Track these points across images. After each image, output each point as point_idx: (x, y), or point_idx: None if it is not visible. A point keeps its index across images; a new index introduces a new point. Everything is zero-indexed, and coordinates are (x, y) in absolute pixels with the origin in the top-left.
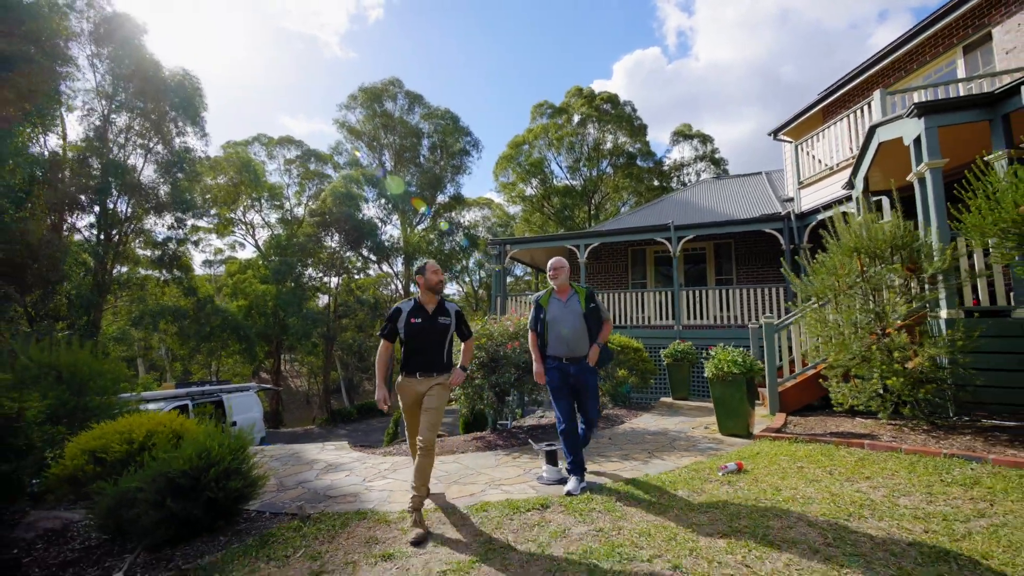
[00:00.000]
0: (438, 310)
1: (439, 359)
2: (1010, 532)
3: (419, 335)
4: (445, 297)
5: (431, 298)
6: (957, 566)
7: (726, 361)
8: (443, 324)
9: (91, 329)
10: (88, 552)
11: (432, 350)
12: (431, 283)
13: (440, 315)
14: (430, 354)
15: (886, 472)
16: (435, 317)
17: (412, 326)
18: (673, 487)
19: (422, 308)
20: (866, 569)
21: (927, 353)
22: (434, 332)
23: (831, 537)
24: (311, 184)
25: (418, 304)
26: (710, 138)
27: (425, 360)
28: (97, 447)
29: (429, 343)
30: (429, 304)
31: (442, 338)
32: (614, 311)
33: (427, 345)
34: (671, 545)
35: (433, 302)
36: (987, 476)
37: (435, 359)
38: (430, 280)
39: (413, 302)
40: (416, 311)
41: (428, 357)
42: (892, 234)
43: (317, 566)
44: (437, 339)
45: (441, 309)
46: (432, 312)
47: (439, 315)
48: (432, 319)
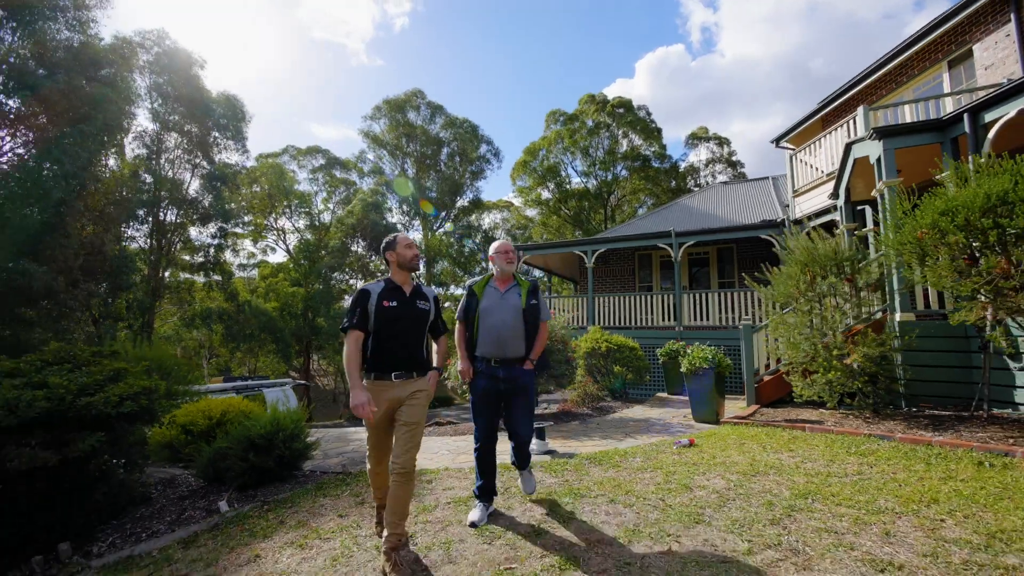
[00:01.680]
0: (416, 293)
1: (420, 355)
2: (867, 482)
3: (395, 323)
4: (320, 259)
5: (405, 278)
6: (813, 501)
7: (698, 358)
8: (423, 310)
9: (146, 329)
10: (194, 493)
11: (411, 343)
12: (404, 259)
13: (419, 299)
14: (409, 348)
15: (808, 447)
16: (413, 300)
17: (386, 311)
18: (632, 456)
19: (397, 289)
20: (746, 503)
21: (860, 351)
22: (413, 319)
23: (733, 484)
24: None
25: (391, 285)
26: (727, 140)
27: (402, 356)
28: (186, 422)
29: (408, 334)
30: (405, 285)
31: (422, 327)
32: (621, 312)
33: (404, 336)
34: (615, 490)
35: (408, 283)
36: (886, 449)
37: (415, 355)
38: (403, 256)
39: (383, 283)
40: (389, 293)
41: (407, 352)
42: (835, 251)
43: (359, 500)
44: (417, 328)
45: (419, 292)
46: (410, 294)
47: (417, 298)
48: (410, 303)
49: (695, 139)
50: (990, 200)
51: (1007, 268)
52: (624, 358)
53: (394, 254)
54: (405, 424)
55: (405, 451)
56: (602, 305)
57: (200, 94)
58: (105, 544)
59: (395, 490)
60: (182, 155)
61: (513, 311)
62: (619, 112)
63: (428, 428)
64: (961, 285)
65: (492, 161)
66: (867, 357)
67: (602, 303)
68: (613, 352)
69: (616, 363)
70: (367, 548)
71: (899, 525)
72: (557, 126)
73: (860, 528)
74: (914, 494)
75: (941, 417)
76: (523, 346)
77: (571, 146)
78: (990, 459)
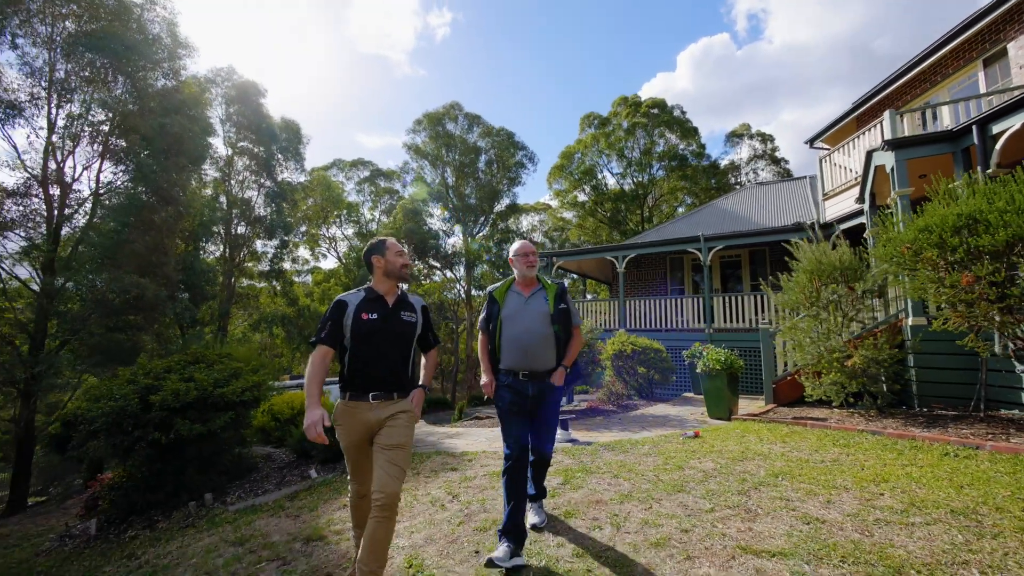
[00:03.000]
0: (400, 303)
1: (403, 374)
2: (836, 466)
3: (374, 338)
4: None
5: (390, 287)
6: (781, 479)
7: (712, 360)
8: (408, 322)
9: (222, 333)
10: (288, 464)
11: (392, 360)
12: (393, 267)
13: (403, 310)
14: (390, 366)
15: (801, 440)
16: (396, 313)
17: (364, 324)
18: (642, 445)
19: (378, 300)
20: (725, 479)
21: (861, 354)
22: (396, 334)
23: (720, 466)
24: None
25: (372, 295)
26: (770, 136)
27: (382, 375)
28: (275, 411)
29: (388, 350)
30: (388, 295)
31: (407, 343)
32: (652, 315)
33: (385, 353)
34: (620, 469)
35: (393, 292)
36: (870, 443)
37: (397, 374)
38: (392, 263)
39: (363, 293)
40: (368, 304)
41: (387, 371)
42: (840, 260)
43: (413, 471)
44: (400, 344)
45: (404, 303)
46: (393, 306)
47: (402, 310)
48: (393, 315)
49: (736, 136)
50: (960, 219)
51: (971, 282)
52: (649, 359)
53: (381, 259)
54: (385, 448)
55: (389, 479)
56: (633, 308)
57: (264, 120)
58: (234, 496)
59: (374, 529)
60: (249, 176)
61: (540, 317)
62: (653, 113)
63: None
64: (938, 296)
65: (528, 166)
66: (867, 359)
67: (634, 306)
68: (638, 354)
69: (641, 364)
70: (417, 503)
71: (843, 496)
72: (591, 129)
73: (809, 497)
74: (869, 475)
75: (941, 416)
76: (553, 356)
77: (606, 148)
78: (959, 451)
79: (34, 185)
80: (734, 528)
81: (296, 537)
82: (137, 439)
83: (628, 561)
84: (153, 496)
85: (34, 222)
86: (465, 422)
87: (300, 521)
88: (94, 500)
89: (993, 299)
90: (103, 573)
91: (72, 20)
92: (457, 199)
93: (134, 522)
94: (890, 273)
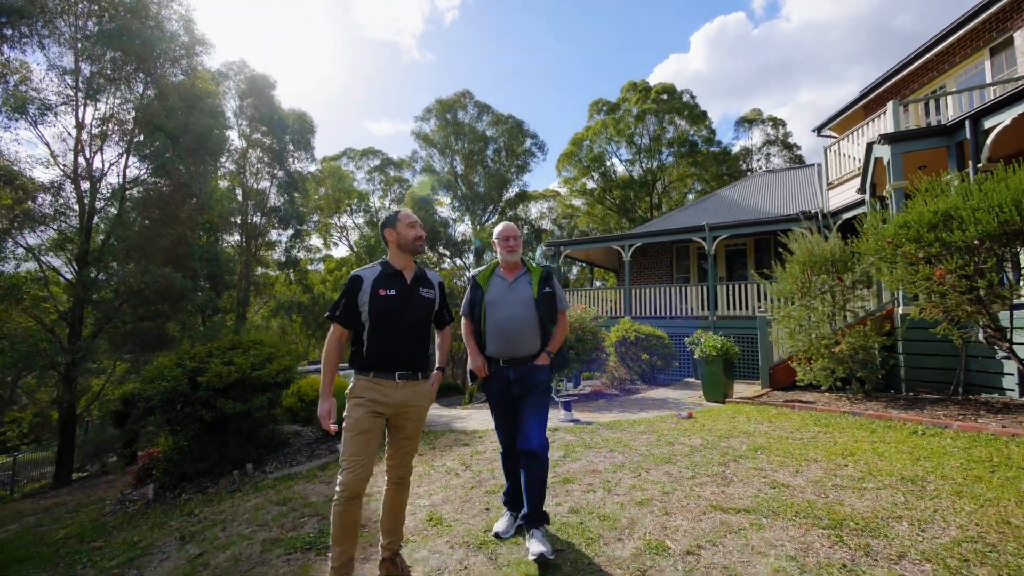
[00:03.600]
0: (419, 279)
1: (423, 351)
2: (812, 443)
3: (394, 315)
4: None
5: (407, 261)
6: (760, 453)
7: (709, 346)
8: (427, 299)
9: (242, 321)
10: (316, 440)
11: (414, 338)
12: (406, 240)
13: (422, 286)
14: (411, 344)
15: (786, 420)
16: (415, 288)
17: (383, 301)
18: (638, 424)
19: (396, 276)
20: (709, 453)
21: (847, 341)
22: (417, 310)
23: (706, 442)
24: (392, 190)
25: (389, 270)
26: (781, 121)
27: (405, 353)
28: (301, 392)
29: (409, 328)
30: (406, 270)
31: (427, 320)
32: (657, 303)
33: (407, 331)
34: (616, 444)
35: (411, 267)
36: (849, 423)
37: (420, 351)
38: (404, 236)
39: (379, 268)
40: (386, 280)
41: (409, 349)
42: (831, 252)
43: (429, 446)
44: (421, 321)
45: (422, 278)
46: (412, 281)
47: (420, 285)
48: (412, 291)
49: (747, 122)
50: (936, 216)
51: (941, 275)
52: (651, 346)
53: (394, 233)
54: (406, 438)
55: (406, 461)
56: (639, 296)
57: (276, 112)
58: (272, 467)
59: (394, 497)
60: (262, 167)
61: (523, 303)
62: (662, 98)
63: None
64: (914, 288)
65: (537, 155)
66: (853, 346)
67: (639, 294)
68: (641, 341)
69: (643, 351)
70: (434, 472)
71: (811, 467)
72: (600, 116)
73: (780, 468)
74: (839, 450)
75: (922, 399)
76: (537, 342)
77: (615, 135)
78: (927, 430)
79: (66, 181)
80: (709, 491)
81: (330, 498)
82: (187, 415)
83: (615, 516)
84: (201, 466)
85: (66, 216)
86: (475, 405)
87: (332, 486)
88: (146, 470)
89: (963, 291)
90: (168, 527)
91: (93, 19)
92: (466, 187)
93: (186, 488)
94: (874, 266)
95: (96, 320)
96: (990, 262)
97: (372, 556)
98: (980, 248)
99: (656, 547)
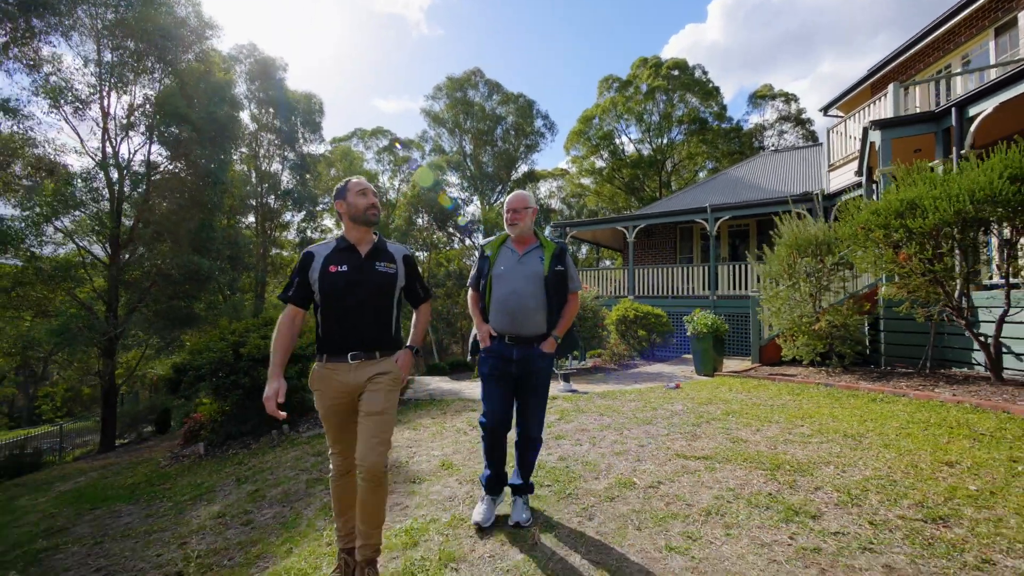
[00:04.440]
0: (375, 253)
1: (384, 331)
2: (779, 408)
3: (346, 292)
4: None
5: (361, 234)
6: (731, 416)
7: (700, 324)
8: (384, 274)
9: (260, 300)
10: None
11: (371, 317)
12: (357, 209)
13: (379, 259)
14: (368, 323)
15: (764, 390)
16: (370, 264)
17: (332, 278)
18: (629, 394)
19: (349, 250)
20: (686, 416)
21: (826, 319)
22: (371, 286)
23: (686, 408)
24: (401, 169)
25: (342, 244)
26: (794, 97)
27: (360, 333)
28: None
29: (364, 306)
30: (361, 243)
31: (387, 295)
32: (660, 283)
33: (360, 309)
34: (606, 409)
35: (366, 240)
36: (820, 393)
37: (377, 331)
38: (355, 205)
39: (333, 243)
40: (338, 255)
41: (364, 328)
42: (815, 236)
43: (441, 411)
44: (378, 298)
45: (380, 251)
46: (366, 256)
47: (377, 259)
48: (366, 266)
49: (759, 98)
50: (903, 205)
51: (904, 259)
52: (650, 324)
53: (344, 203)
54: (368, 414)
55: (371, 449)
56: (642, 276)
57: (285, 95)
58: (303, 428)
59: (365, 496)
60: (274, 150)
61: (532, 279)
62: (674, 74)
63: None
64: (880, 270)
65: (547, 135)
66: (831, 324)
67: (642, 274)
68: (640, 319)
69: (642, 328)
70: (446, 431)
71: (771, 427)
72: (611, 93)
73: (744, 428)
74: (800, 414)
75: (894, 373)
76: (543, 322)
77: (625, 113)
78: (887, 398)
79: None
80: (678, 445)
81: None
82: (232, 383)
83: (596, 462)
84: (243, 427)
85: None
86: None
87: None
88: (193, 432)
89: (923, 273)
90: (224, 472)
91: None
92: (475, 167)
93: (232, 445)
94: (850, 249)
95: (129, 299)
96: (945, 247)
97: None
98: (939, 234)
99: (625, 483)
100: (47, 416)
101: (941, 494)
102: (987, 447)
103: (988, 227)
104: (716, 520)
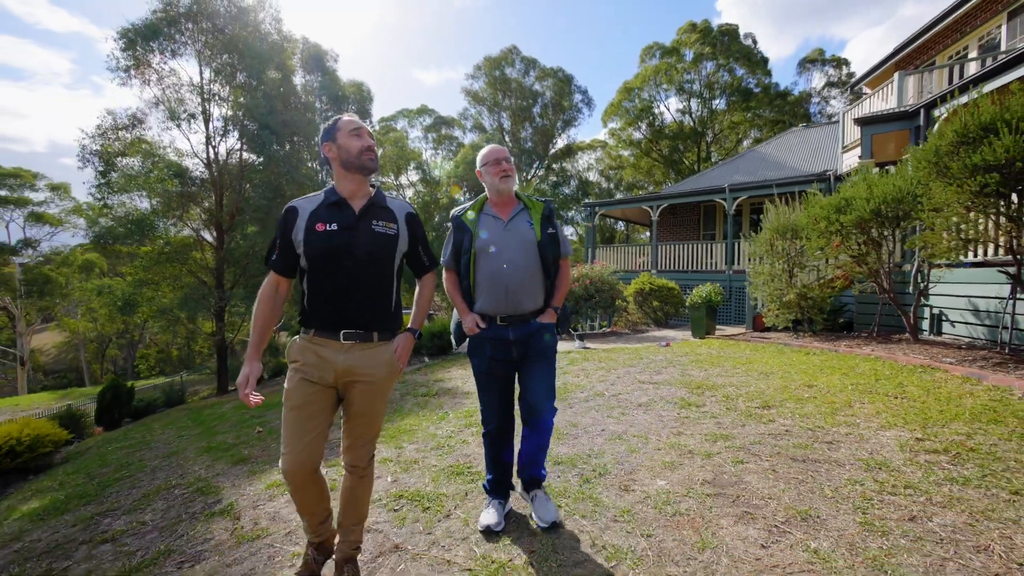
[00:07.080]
0: (372, 209)
1: (382, 305)
2: (740, 360)
3: (336, 256)
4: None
5: (356, 185)
6: (699, 366)
7: (696, 295)
8: (383, 235)
9: None
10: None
11: (367, 286)
12: (349, 153)
13: (376, 218)
14: (364, 294)
15: (738, 349)
16: (366, 221)
17: (320, 238)
18: (627, 350)
19: (340, 204)
20: (663, 364)
21: (793, 292)
22: (369, 249)
23: (666, 359)
24: (443, 147)
25: (332, 198)
26: (845, 61)
27: (354, 307)
28: None
29: (360, 271)
30: (355, 197)
31: (385, 263)
32: (682, 258)
33: (354, 277)
34: (604, 358)
35: (360, 193)
36: (775, 350)
37: (374, 305)
38: (347, 148)
39: (322, 195)
40: (327, 211)
41: (360, 300)
42: (793, 221)
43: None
44: (376, 264)
45: (378, 208)
46: (361, 212)
47: (374, 217)
48: (360, 225)
49: (809, 63)
50: (842, 201)
51: (837, 246)
52: (663, 296)
53: (333, 147)
54: (359, 416)
55: (361, 445)
56: (665, 252)
57: (337, 84)
58: None
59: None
60: None
61: (524, 247)
62: (723, 41)
63: None
64: (822, 255)
65: (584, 110)
66: (798, 296)
67: (665, 250)
68: (655, 291)
69: (656, 299)
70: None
71: (717, 369)
72: (653, 61)
73: (697, 369)
74: (744, 361)
75: (850, 336)
76: (541, 295)
77: (665, 83)
78: (818, 352)
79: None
80: (644, 376)
81: (429, 381)
82: None
83: (582, 385)
84: None
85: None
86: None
87: (427, 376)
88: None
89: (853, 256)
90: None
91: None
92: (513, 143)
93: None
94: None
95: (233, 275)
96: (863, 237)
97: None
98: (865, 227)
99: (598, 394)
100: (144, 374)
101: (780, 398)
102: (849, 379)
103: (899, 223)
104: (643, 408)
